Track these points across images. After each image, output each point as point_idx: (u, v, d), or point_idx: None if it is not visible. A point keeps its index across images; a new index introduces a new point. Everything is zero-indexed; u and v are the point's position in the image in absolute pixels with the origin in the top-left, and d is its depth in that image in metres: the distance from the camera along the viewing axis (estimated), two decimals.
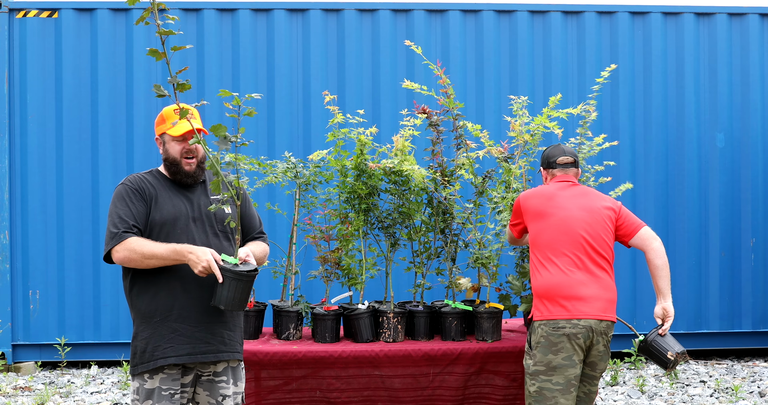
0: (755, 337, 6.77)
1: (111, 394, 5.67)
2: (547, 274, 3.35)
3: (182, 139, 2.99)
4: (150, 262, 2.85)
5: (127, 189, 2.98)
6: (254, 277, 2.83)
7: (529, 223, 3.48)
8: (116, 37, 6.44)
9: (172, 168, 3.01)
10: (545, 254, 3.38)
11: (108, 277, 6.33)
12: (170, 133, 2.98)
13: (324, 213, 4.13)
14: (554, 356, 3.28)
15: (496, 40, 6.64)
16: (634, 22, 6.74)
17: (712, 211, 6.72)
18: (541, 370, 3.31)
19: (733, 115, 6.77)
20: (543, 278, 3.36)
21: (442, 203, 4.01)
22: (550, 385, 3.28)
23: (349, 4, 6.54)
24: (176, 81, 2.71)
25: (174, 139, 2.99)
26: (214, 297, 2.82)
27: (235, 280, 2.77)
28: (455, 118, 3.97)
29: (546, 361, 3.30)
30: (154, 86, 2.72)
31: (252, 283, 2.83)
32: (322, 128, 6.30)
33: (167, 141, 3.01)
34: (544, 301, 3.35)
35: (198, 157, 3.02)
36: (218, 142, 2.78)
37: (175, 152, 2.99)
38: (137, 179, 3.02)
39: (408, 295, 4.73)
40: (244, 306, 2.84)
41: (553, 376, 3.29)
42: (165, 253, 2.82)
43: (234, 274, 2.77)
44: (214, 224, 3.04)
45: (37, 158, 6.39)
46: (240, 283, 2.78)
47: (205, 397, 3.04)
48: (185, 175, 3.01)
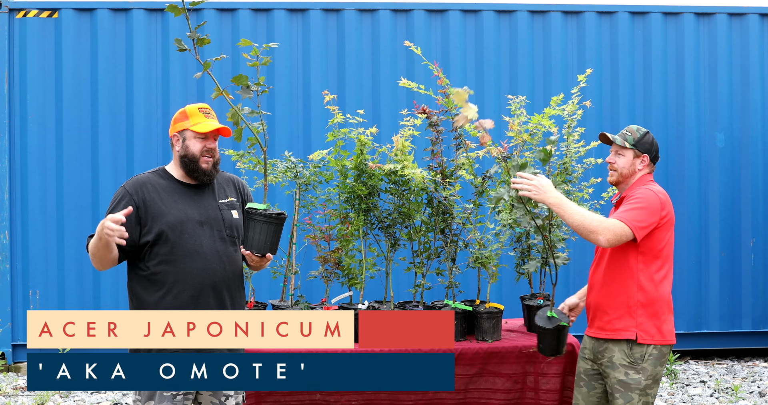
0: (755, 337, 6.77)
1: (111, 394, 5.67)
2: (669, 286, 3.19)
3: (205, 137, 3.03)
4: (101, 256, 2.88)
5: (123, 194, 3.00)
6: (284, 220, 2.97)
7: (666, 230, 3.17)
8: (116, 37, 6.43)
9: (190, 165, 3.03)
10: (670, 265, 3.21)
11: (108, 277, 6.33)
12: (195, 130, 3.01)
13: (324, 213, 4.13)
14: (661, 367, 3.15)
15: (496, 40, 6.64)
16: (634, 22, 6.74)
17: (712, 211, 6.72)
18: (650, 384, 3.13)
19: (733, 115, 6.77)
20: (666, 290, 3.18)
21: (442, 203, 4.01)
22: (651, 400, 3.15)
23: (349, 4, 6.54)
24: (196, 36, 2.84)
25: (197, 136, 3.02)
26: (245, 242, 2.95)
27: (266, 223, 2.91)
28: (454, 118, 3.97)
29: (655, 373, 3.13)
30: (175, 40, 2.90)
31: (282, 226, 2.97)
32: (322, 128, 6.29)
33: (188, 137, 3.03)
34: (662, 316, 3.15)
35: (215, 158, 3.06)
36: (240, 91, 3.00)
37: (196, 149, 3.02)
38: (138, 184, 3.02)
39: (408, 295, 4.73)
40: (275, 249, 2.97)
41: (654, 388, 3.16)
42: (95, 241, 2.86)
43: (264, 217, 2.91)
44: (222, 228, 3.04)
45: (37, 158, 6.39)
46: (271, 226, 2.92)
47: (208, 397, 3.04)
48: (202, 173, 3.03)
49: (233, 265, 3.06)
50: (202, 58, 2.80)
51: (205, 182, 3.07)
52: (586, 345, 3.30)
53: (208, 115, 3.06)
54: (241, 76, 2.99)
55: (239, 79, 3.00)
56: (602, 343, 3.19)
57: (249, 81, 3.02)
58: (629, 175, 3.26)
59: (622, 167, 3.25)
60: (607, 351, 3.17)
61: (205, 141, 3.03)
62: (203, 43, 2.85)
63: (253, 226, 2.92)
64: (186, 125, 3.04)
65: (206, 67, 2.86)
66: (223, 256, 3.02)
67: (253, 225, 2.93)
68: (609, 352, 3.16)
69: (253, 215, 2.93)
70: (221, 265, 3.01)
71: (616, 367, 3.14)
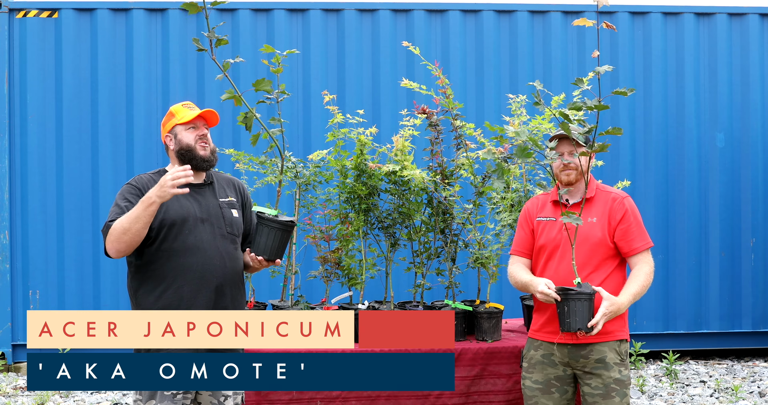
0: (755, 337, 6.77)
1: (111, 394, 5.68)
2: None
3: (194, 126, 3.08)
4: (135, 228, 2.85)
5: (129, 188, 3.03)
6: (294, 228, 3.04)
7: None
8: (116, 37, 6.43)
9: (188, 154, 3.06)
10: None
11: (108, 277, 6.33)
12: (182, 121, 3.06)
13: (324, 213, 4.13)
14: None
15: (496, 40, 6.64)
16: (634, 22, 6.74)
17: (712, 211, 6.72)
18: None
19: (733, 115, 6.77)
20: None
21: (442, 203, 4.01)
22: None
23: (349, 4, 6.54)
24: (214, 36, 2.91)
25: (186, 127, 3.07)
26: (255, 247, 3.01)
27: (279, 230, 2.98)
28: (454, 118, 3.97)
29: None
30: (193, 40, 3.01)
31: (291, 233, 3.03)
32: (322, 128, 6.29)
33: (179, 132, 3.08)
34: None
35: (210, 145, 3.11)
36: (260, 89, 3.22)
37: (189, 140, 3.06)
38: (142, 180, 3.06)
39: (408, 295, 4.74)
40: (282, 255, 3.05)
41: None
42: (136, 212, 2.85)
43: (277, 223, 2.97)
44: (222, 226, 3.06)
45: (37, 158, 6.39)
46: (284, 233, 2.99)
47: (208, 397, 3.05)
48: (202, 159, 3.07)
49: (233, 262, 3.08)
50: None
51: (206, 168, 3.10)
52: (553, 351, 3.22)
53: (192, 108, 3.13)
54: (263, 80, 3.12)
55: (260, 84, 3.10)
56: (584, 346, 3.17)
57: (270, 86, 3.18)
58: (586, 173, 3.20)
59: (582, 166, 3.20)
60: (594, 353, 3.15)
61: (196, 130, 3.08)
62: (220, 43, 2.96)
63: (267, 231, 2.97)
64: (174, 122, 3.10)
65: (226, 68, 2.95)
66: (224, 252, 3.04)
67: (267, 231, 2.98)
68: (597, 353, 3.15)
69: (266, 221, 2.98)
70: (221, 262, 3.02)
71: (610, 366, 3.14)
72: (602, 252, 3.18)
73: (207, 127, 3.13)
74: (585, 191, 3.18)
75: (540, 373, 3.25)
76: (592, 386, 3.16)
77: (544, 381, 3.24)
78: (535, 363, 3.27)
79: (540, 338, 3.27)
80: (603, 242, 3.18)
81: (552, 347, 3.22)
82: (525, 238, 3.34)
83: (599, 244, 3.17)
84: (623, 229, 3.19)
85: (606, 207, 3.22)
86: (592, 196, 3.24)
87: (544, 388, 3.24)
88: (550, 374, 3.24)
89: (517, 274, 3.28)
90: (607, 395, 3.14)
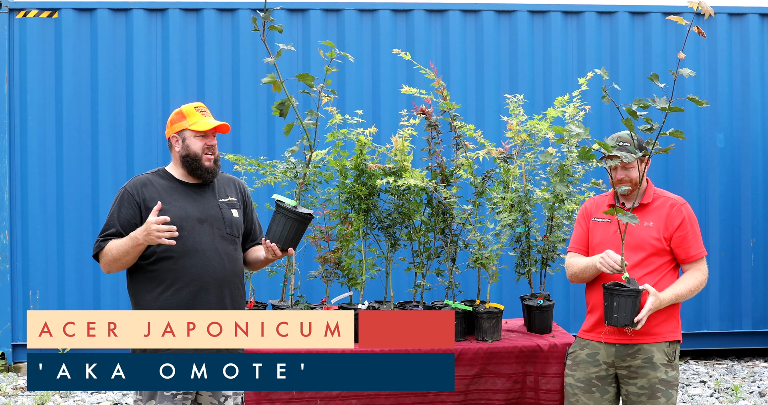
0: (755, 337, 6.77)
1: (111, 394, 5.68)
2: None
3: (204, 135, 3.07)
4: (125, 260, 2.93)
5: (124, 194, 3.03)
6: (310, 221, 3.09)
7: None
8: (116, 37, 6.43)
9: (192, 163, 3.06)
10: None
11: (108, 277, 6.33)
12: (195, 129, 3.05)
13: (324, 213, 4.13)
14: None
15: (496, 40, 6.64)
16: (634, 22, 6.74)
17: (712, 211, 6.72)
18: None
19: (733, 115, 6.77)
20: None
21: (441, 203, 4.01)
22: None
23: (349, 4, 6.54)
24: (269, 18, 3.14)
25: (197, 135, 3.06)
26: (270, 234, 3.04)
27: (296, 221, 3.02)
28: (452, 118, 3.97)
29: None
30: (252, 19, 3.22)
31: (306, 226, 3.08)
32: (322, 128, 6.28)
33: (188, 137, 3.07)
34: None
35: (215, 155, 3.11)
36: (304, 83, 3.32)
37: (197, 148, 3.06)
38: (138, 184, 3.05)
39: (408, 296, 4.73)
40: (295, 245, 3.07)
41: None
42: (125, 247, 2.90)
43: (296, 214, 3.02)
44: (222, 227, 3.06)
45: (37, 158, 6.39)
46: (301, 225, 3.04)
47: (208, 397, 3.05)
48: (205, 170, 3.07)
49: (233, 263, 3.07)
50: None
51: (208, 179, 3.10)
52: (598, 350, 3.28)
53: (205, 113, 3.11)
54: (307, 74, 3.24)
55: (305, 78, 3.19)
56: (632, 346, 3.21)
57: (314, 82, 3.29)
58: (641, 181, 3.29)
59: (637, 177, 3.28)
60: (642, 352, 3.19)
61: (206, 139, 3.08)
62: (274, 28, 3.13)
63: (285, 221, 3.01)
64: (184, 125, 3.07)
65: (278, 55, 3.11)
66: (223, 253, 3.04)
67: (284, 220, 3.01)
68: (644, 353, 3.19)
69: (284, 210, 3.01)
70: (221, 263, 3.02)
71: (657, 366, 3.18)
72: (657, 256, 3.23)
73: (215, 135, 3.12)
74: (640, 197, 3.28)
75: (582, 371, 3.31)
76: (638, 386, 3.20)
77: (585, 379, 3.30)
78: (579, 361, 3.33)
79: (589, 338, 3.33)
80: (659, 247, 3.23)
81: (599, 347, 3.27)
82: (582, 235, 3.43)
83: (655, 248, 3.22)
84: (680, 236, 3.24)
85: (663, 212, 3.28)
86: (650, 201, 3.31)
87: (585, 386, 3.29)
88: (591, 373, 3.29)
89: (575, 262, 3.35)
90: (652, 395, 3.18)
